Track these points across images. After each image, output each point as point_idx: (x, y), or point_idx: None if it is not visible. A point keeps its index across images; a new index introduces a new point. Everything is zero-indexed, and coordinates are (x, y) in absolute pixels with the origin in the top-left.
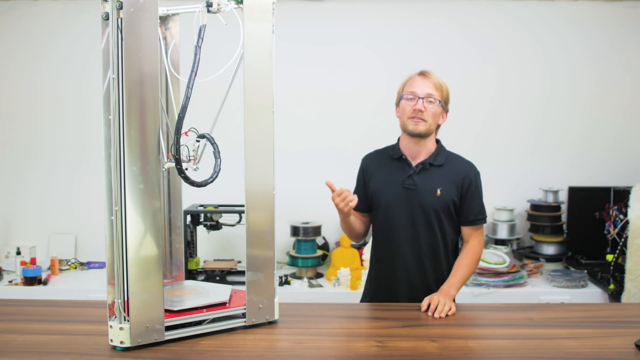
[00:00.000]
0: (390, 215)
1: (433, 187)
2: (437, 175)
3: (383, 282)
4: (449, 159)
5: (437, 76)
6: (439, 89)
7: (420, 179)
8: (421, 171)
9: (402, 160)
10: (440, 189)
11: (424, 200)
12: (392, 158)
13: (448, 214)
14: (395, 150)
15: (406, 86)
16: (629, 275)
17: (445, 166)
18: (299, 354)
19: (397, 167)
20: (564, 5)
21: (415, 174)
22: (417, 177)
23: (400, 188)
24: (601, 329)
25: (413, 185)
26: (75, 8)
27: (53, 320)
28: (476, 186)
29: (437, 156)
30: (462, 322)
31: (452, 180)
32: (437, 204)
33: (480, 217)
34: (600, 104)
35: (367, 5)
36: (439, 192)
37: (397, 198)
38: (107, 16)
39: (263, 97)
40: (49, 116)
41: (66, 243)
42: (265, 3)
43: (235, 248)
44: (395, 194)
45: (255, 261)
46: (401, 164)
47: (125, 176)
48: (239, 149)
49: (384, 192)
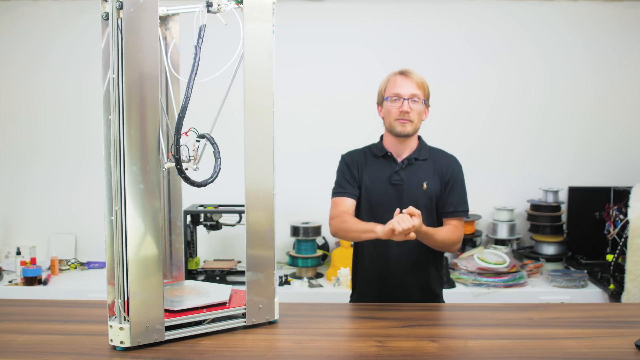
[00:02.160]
0: (378, 212)
1: (419, 181)
2: (422, 169)
3: (373, 280)
4: (432, 153)
5: (417, 74)
6: (422, 88)
7: (406, 174)
8: (407, 166)
9: (387, 157)
10: (426, 183)
11: (412, 194)
12: (376, 156)
13: (435, 206)
14: (379, 148)
15: (388, 87)
16: (629, 275)
17: (429, 160)
18: (299, 354)
19: (382, 164)
20: (564, 5)
21: (402, 170)
22: (404, 173)
23: (387, 184)
24: (601, 329)
25: (400, 180)
26: (75, 8)
27: (53, 320)
28: (457, 177)
29: (421, 151)
30: (462, 322)
31: (436, 173)
32: (424, 198)
33: (459, 209)
34: (600, 104)
35: (368, 5)
36: (425, 186)
37: (385, 194)
38: (107, 16)
39: (263, 97)
40: (49, 116)
41: (66, 243)
42: (265, 3)
43: (235, 248)
44: (382, 190)
45: (255, 261)
46: (386, 161)
47: (125, 176)
48: (239, 149)
49: (371, 189)
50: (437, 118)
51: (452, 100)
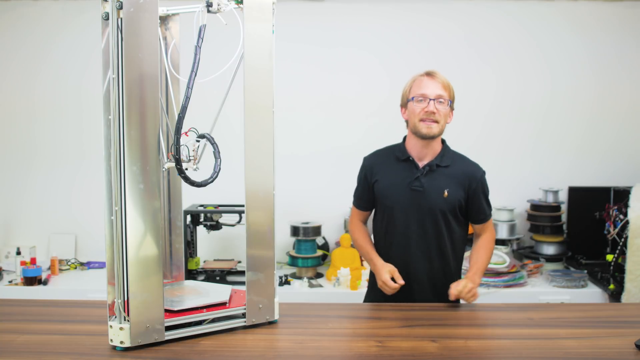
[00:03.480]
0: (397, 217)
1: (440, 189)
2: (443, 176)
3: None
4: (455, 159)
5: (443, 76)
6: (447, 89)
7: (427, 180)
8: (428, 173)
9: (408, 162)
10: (447, 190)
11: (432, 201)
12: (399, 159)
13: (455, 214)
14: (402, 151)
15: (414, 87)
16: (629, 275)
17: (451, 167)
18: (299, 354)
19: (403, 169)
20: (564, 5)
21: (423, 176)
22: (424, 179)
23: (408, 190)
24: (601, 329)
25: (420, 187)
26: (75, 8)
27: (53, 320)
28: (483, 186)
29: (444, 157)
30: (462, 322)
31: (458, 181)
32: (444, 205)
33: (488, 212)
34: (600, 104)
35: (368, 5)
36: (446, 194)
37: (405, 200)
38: (107, 16)
39: (263, 97)
40: (49, 116)
41: (66, 243)
42: (265, 3)
43: (235, 248)
44: (402, 196)
45: (255, 261)
46: (408, 166)
47: (125, 176)
48: (239, 149)
49: (390, 194)
50: None
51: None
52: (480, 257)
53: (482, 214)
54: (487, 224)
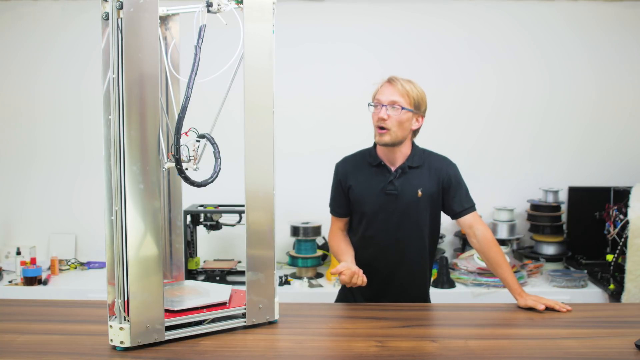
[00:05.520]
0: (374, 222)
1: (414, 189)
2: (416, 176)
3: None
4: (425, 158)
5: (405, 81)
6: (405, 95)
7: (400, 183)
8: (401, 175)
9: (381, 167)
10: (420, 190)
11: (406, 203)
12: (371, 164)
13: (430, 212)
14: (373, 156)
15: (376, 93)
16: (629, 275)
17: (423, 166)
18: (299, 354)
19: (375, 173)
20: (564, 6)
21: (396, 179)
22: (398, 182)
23: (382, 194)
24: (601, 329)
25: (395, 190)
26: (75, 8)
27: (53, 320)
28: (455, 178)
29: (414, 158)
30: (462, 322)
31: (430, 178)
32: (419, 205)
33: (467, 205)
34: (600, 104)
35: (368, 5)
36: (419, 193)
37: (380, 205)
38: (107, 16)
39: (263, 97)
40: (49, 116)
41: (66, 243)
42: (265, 3)
43: (235, 248)
44: (377, 200)
45: (255, 261)
46: (380, 170)
47: (125, 176)
48: (239, 149)
49: (365, 200)
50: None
51: (453, 101)
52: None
53: (458, 205)
54: (475, 218)
